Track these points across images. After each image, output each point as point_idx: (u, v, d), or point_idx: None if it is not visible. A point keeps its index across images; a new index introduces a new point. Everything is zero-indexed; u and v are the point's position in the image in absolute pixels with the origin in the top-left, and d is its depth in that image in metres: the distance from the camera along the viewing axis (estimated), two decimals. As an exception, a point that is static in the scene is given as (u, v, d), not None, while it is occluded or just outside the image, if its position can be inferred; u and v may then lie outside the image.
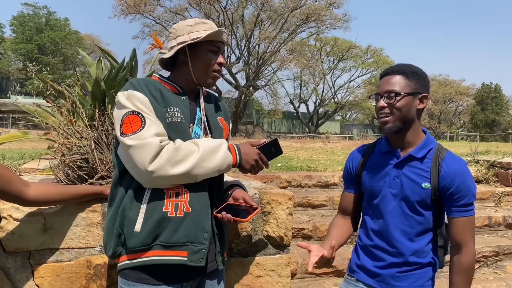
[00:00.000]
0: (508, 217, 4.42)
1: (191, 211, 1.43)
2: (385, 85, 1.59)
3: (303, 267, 3.35)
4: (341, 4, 27.81)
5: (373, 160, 1.72)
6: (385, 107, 1.56)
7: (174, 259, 1.41)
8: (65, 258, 1.77)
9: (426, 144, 1.61)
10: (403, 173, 1.60)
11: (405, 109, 1.55)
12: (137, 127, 1.37)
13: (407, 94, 1.55)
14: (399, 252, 1.60)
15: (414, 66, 1.62)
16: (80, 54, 3.17)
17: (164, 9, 27.19)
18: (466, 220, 1.56)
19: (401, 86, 1.56)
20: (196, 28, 1.55)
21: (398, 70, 1.59)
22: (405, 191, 1.58)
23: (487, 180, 5.40)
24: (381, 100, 1.58)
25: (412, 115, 1.58)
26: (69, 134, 2.36)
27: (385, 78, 1.61)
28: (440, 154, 1.58)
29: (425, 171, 1.57)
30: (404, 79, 1.57)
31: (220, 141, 1.48)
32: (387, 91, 1.56)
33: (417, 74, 1.59)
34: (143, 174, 1.36)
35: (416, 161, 1.59)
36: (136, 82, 1.47)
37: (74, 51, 34.90)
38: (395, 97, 1.54)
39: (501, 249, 3.91)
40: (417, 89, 1.57)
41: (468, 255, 1.56)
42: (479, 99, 37.60)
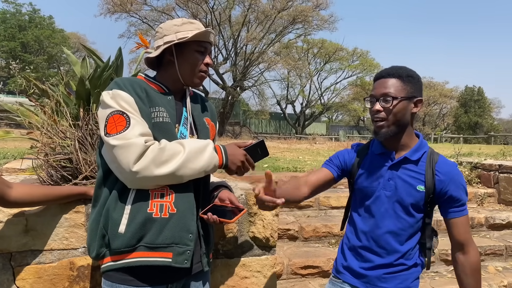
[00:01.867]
0: (490, 218, 4.50)
1: (176, 212, 1.42)
2: (381, 87, 1.56)
3: (289, 268, 3.36)
4: (327, 6, 28.04)
5: (367, 162, 1.71)
6: (380, 111, 1.55)
7: (158, 260, 1.39)
8: (48, 259, 1.73)
9: (420, 147, 1.62)
10: (398, 175, 1.60)
11: (400, 114, 1.54)
12: (122, 127, 1.35)
13: (404, 98, 1.54)
14: (387, 253, 1.61)
15: (409, 69, 1.61)
16: (64, 53, 3.12)
17: (150, 8, 27.02)
18: (465, 219, 1.59)
19: (397, 90, 1.54)
20: (183, 28, 1.54)
21: (394, 73, 1.57)
22: (400, 193, 1.58)
23: (470, 182, 5.49)
24: (377, 103, 1.56)
25: (407, 119, 1.58)
26: (52, 134, 2.32)
27: (381, 81, 1.58)
28: (433, 158, 1.59)
29: (420, 173, 1.58)
30: (400, 83, 1.55)
31: (206, 142, 1.47)
32: (383, 94, 1.54)
33: (413, 78, 1.58)
34: (127, 174, 1.34)
35: (411, 164, 1.60)
36: (121, 81, 1.45)
37: (58, 49, 34.35)
38: (392, 101, 1.53)
39: (483, 249, 3.97)
40: (412, 93, 1.56)
41: (474, 252, 1.59)
42: (462, 101, 38.24)
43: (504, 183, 5.03)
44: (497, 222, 4.50)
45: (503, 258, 4.03)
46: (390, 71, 1.58)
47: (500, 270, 3.79)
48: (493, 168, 5.29)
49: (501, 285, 3.47)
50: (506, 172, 5.04)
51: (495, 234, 4.44)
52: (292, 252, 3.61)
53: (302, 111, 38.41)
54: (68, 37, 38.37)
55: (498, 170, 5.18)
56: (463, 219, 1.59)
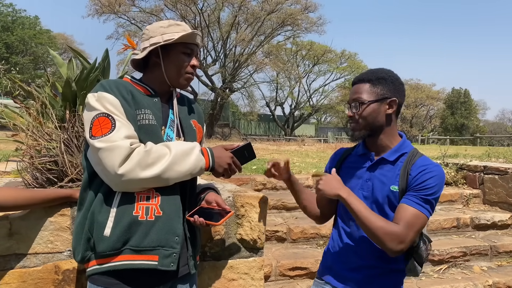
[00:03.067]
0: (475, 219, 4.56)
1: (162, 215, 1.41)
2: (352, 94, 1.63)
3: (277, 269, 3.37)
4: (316, 8, 28.12)
5: (349, 162, 1.75)
6: (352, 116, 1.61)
7: (144, 263, 1.39)
8: (32, 263, 1.72)
9: (401, 148, 1.62)
10: (375, 175, 1.62)
11: (371, 117, 1.58)
12: (107, 130, 1.34)
13: (372, 101, 1.57)
14: (369, 255, 1.61)
15: (384, 71, 1.63)
16: (50, 54, 3.09)
17: (139, 9, 26.80)
18: (414, 211, 1.48)
19: (367, 94, 1.58)
20: (169, 29, 1.54)
21: (364, 78, 1.62)
22: (376, 193, 1.59)
23: (456, 183, 5.56)
24: (349, 109, 1.62)
25: (380, 121, 1.60)
26: (38, 136, 2.30)
27: (354, 87, 1.65)
28: (412, 159, 1.58)
29: (395, 174, 1.58)
30: (370, 87, 1.59)
31: (193, 144, 1.47)
32: (354, 100, 1.61)
33: (384, 80, 1.60)
34: (112, 177, 1.34)
35: (388, 164, 1.61)
36: (106, 83, 1.45)
37: (45, 50, 33.94)
38: (360, 106, 1.58)
39: (468, 249, 4.03)
40: (383, 94, 1.58)
41: (394, 227, 1.46)
42: (449, 103, 38.72)
43: (489, 184, 5.11)
44: (482, 223, 4.57)
45: (488, 258, 4.09)
46: (361, 77, 1.64)
47: (485, 270, 3.84)
48: (478, 169, 5.37)
49: (486, 284, 3.52)
50: (491, 173, 5.12)
51: (480, 234, 4.50)
52: (280, 254, 3.61)
53: (291, 113, 38.53)
54: (55, 38, 37.94)
55: (483, 171, 5.25)
56: (412, 209, 1.48)
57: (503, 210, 4.87)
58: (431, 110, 44.19)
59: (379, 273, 1.62)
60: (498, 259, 4.10)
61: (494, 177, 5.04)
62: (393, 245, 1.45)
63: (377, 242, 1.49)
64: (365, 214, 1.48)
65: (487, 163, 5.58)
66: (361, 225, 1.50)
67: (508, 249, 4.17)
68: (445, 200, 5.09)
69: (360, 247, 1.64)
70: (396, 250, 1.46)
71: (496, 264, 4.01)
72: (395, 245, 1.45)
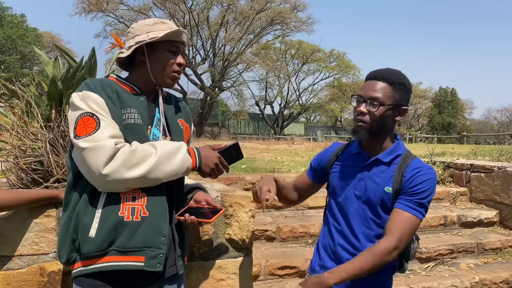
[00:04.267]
0: (462, 216, 4.62)
1: (149, 215, 1.40)
2: (370, 89, 1.55)
3: (266, 269, 3.36)
4: (305, 8, 28.17)
5: (342, 160, 1.74)
6: (365, 114, 1.54)
7: (130, 264, 1.37)
8: (17, 265, 1.69)
9: (395, 150, 1.62)
10: (369, 175, 1.62)
11: (383, 121, 1.55)
12: (91, 129, 1.32)
13: (390, 106, 1.54)
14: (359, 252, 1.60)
15: (403, 76, 1.60)
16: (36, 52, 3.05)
17: (127, 7, 26.59)
18: (408, 215, 1.50)
19: (386, 96, 1.53)
20: (154, 27, 1.52)
21: (387, 78, 1.55)
22: (368, 193, 1.60)
23: (443, 181, 5.62)
24: (363, 104, 1.55)
25: (388, 126, 1.59)
26: (23, 136, 2.27)
27: (372, 82, 1.57)
28: (406, 160, 1.59)
29: (390, 175, 1.58)
30: (391, 89, 1.54)
31: (179, 144, 1.46)
32: (372, 98, 1.53)
33: (404, 86, 1.57)
34: (97, 177, 1.32)
35: (382, 165, 1.61)
36: (91, 82, 1.43)
37: (31, 49, 33.45)
38: (379, 106, 1.52)
39: (455, 247, 4.07)
40: (400, 101, 1.56)
41: (386, 244, 1.47)
42: (436, 102, 39.07)
43: (476, 182, 5.17)
44: (468, 220, 4.63)
45: (474, 255, 4.14)
46: (384, 75, 1.56)
47: (472, 267, 3.89)
48: (465, 168, 5.43)
49: (473, 281, 3.56)
50: (477, 171, 5.18)
51: (467, 231, 4.56)
52: (270, 253, 3.61)
53: (281, 112, 38.56)
54: (42, 36, 37.43)
55: (470, 170, 5.32)
56: (406, 214, 1.50)
57: (489, 207, 4.93)
58: (419, 109, 44.61)
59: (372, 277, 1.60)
60: (485, 256, 4.15)
61: (481, 175, 5.10)
62: (390, 258, 1.48)
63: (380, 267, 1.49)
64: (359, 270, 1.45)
65: (474, 161, 5.65)
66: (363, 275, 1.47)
67: (494, 246, 4.22)
68: (432, 198, 5.14)
69: (350, 244, 1.64)
70: (393, 259, 1.51)
71: (482, 261, 4.06)
72: (392, 257, 1.49)
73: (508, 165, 5.01)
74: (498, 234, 4.48)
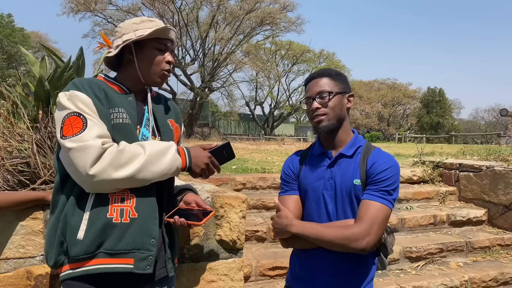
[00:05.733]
0: (451, 215, 4.65)
1: (138, 217, 1.38)
2: (315, 87, 1.65)
3: (257, 269, 3.35)
4: (294, 8, 28.26)
5: (308, 164, 1.74)
6: (319, 108, 1.62)
7: (119, 267, 1.35)
8: (2, 269, 1.65)
9: (355, 143, 1.67)
10: (336, 173, 1.63)
11: (337, 108, 1.63)
12: (78, 129, 1.30)
13: (338, 92, 1.63)
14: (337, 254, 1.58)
15: (337, 70, 1.73)
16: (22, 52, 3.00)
17: (116, 7, 26.40)
18: (375, 205, 1.51)
19: (330, 86, 1.64)
20: (142, 26, 1.51)
21: (324, 73, 1.68)
22: (340, 190, 1.61)
23: (433, 180, 5.65)
24: (314, 101, 1.63)
25: (344, 114, 1.66)
26: (9, 137, 2.23)
27: (313, 82, 1.68)
28: (368, 151, 1.64)
29: (355, 168, 1.61)
30: (331, 80, 1.65)
31: (169, 144, 1.44)
32: (319, 92, 1.63)
33: (341, 76, 1.70)
34: (84, 178, 1.30)
35: (346, 159, 1.64)
36: (79, 82, 1.41)
37: (18, 48, 33.05)
38: (328, 96, 1.61)
39: (445, 246, 4.10)
40: (343, 88, 1.66)
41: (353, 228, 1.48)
42: (425, 102, 39.40)
43: (464, 181, 5.22)
44: (458, 219, 4.66)
45: (464, 254, 4.17)
46: (320, 72, 1.69)
47: (461, 266, 3.92)
48: (454, 167, 5.47)
49: (463, 280, 3.59)
50: (466, 170, 5.23)
51: (456, 230, 4.60)
52: (260, 254, 3.60)
53: (271, 112, 38.62)
54: (29, 36, 37.00)
55: (459, 169, 5.36)
56: (374, 203, 1.51)
57: (478, 206, 4.98)
58: (408, 109, 44.98)
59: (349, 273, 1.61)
60: (474, 255, 4.19)
61: (469, 175, 5.15)
62: (357, 244, 1.47)
63: (342, 249, 1.50)
64: (320, 233, 1.50)
65: (462, 160, 5.70)
66: (322, 244, 1.52)
67: (483, 245, 4.26)
68: (422, 197, 5.18)
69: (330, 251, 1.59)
70: (362, 247, 1.47)
71: (471, 260, 4.09)
72: (359, 243, 1.47)
73: (496, 164, 5.06)
74: (486, 233, 4.52)
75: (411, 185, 5.55)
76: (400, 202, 5.04)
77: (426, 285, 3.47)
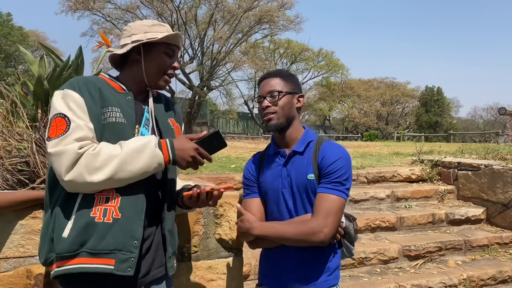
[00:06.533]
0: (450, 214, 4.67)
1: (121, 217, 1.35)
2: (266, 86, 1.71)
3: (256, 268, 3.35)
4: (292, 6, 28.20)
5: (266, 165, 1.78)
6: (269, 106, 1.68)
7: (100, 267, 1.32)
8: (2, 268, 1.65)
9: (306, 138, 1.71)
10: (291, 170, 1.67)
11: (287, 107, 1.69)
12: (61, 131, 1.31)
13: (288, 92, 1.69)
14: (299, 249, 1.62)
15: (289, 71, 1.81)
16: (21, 51, 3.00)
17: (114, 6, 26.33)
18: (329, 197, 1.56)
19: (281, 86, 1.70)
20: (153, 29, 1.52)
21: (276, 73, 1.75)
22: (296, 187, 1.64)
23: (431, 179, 5.66)
24: (264, 100, 1.69)
25: (293, 113, 1.71)
26: (8, 136, 2.22)
27: (265, 81, 1.73)
28: (318, 145, 1.68)
29: (308, 162, 1.65)
30: (282, 81, 1.71)
31: (147, 139, 1.38)
32: (270, 91, 1.69)
33: (292, 77, 1.76)
34: (62, 182, 1.31)
35: (299, 155, 1.68)
36: (75, 81, 1.41)
37: (16, 47, 32.95)
38: (278, 95, 1.67)
39: (444, 244, 4.11)
40: (294, 89, 1.72)
41: (310, 223, 1.54)
42: (423, 101, 39.41)
43: (463, 180, 5.23)
44: (456, 218, 4.68)
45: (462, 252, 4.18)
46: (272, 72, 1.76)
47: (459, 264, 3.93)
48: (452, 166, 5.48)
49: (461, 278, 3.60)
50: (465, 169, 5.24)
51: (455, 229, 4.61)
52: (260, 252, 3.60)
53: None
54: (27, 35, 36.90)
55: (457, 168, 5.38)
56: (328, 196, 1.57)
57: (476, 205, 4.99)
58: (406, 108, 45.01)
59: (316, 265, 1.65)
60: (472, 253, 4.21)
61: (468, 173, 5.16)
62: (315, 237, 1.53)
63: (302, 244, 1.57)
64: (280, 232, 1.57)
65: (461, 159, 5.71)
66: (283, 241, 1.59)
67: (481, 243, 4.28)
68: (420, 196, 5.19)
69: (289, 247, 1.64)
70: (321, 240, 1.53)
71: (470, 258, 4.11)
72: (317, 236, 1.53)
73: (495, 163, 5.07)
74: (485, 231, 4.54)
75: (409, 184, 5.56)
76: (398, 200, 5.05)
77: (425, 284, 3.48)
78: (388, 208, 4.86)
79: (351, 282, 3.46)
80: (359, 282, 3.46)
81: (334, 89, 39.64)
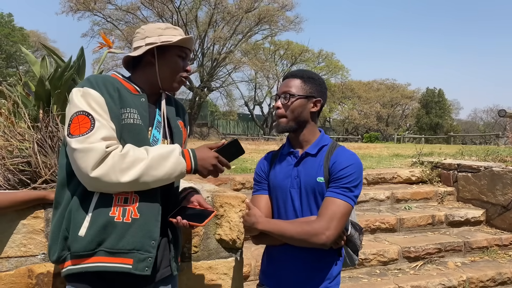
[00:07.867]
0: (449, 216, 4.67)
1: (139, 218, 1.38)
2: (283, 86, 1.70)
3: (256, 269, 3.36)
4: (293, 7, 28.26)
5: (278, 163, 1.78)
6: (280, 108, 1.67)
7: (118, 266, 1.35)
8: (4, 267, 1.66)
9: (320, 142, 1.70)
10: (301, 171, 1.67)
11: (297, 111, 1.67)
12: (85, 129, 1.31)
13: (301, 96, 1.66)
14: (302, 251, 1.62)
15: (314, 73, 1.76)
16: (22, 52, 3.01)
17: (115, 7, 26.38)
18: (335, 202, 1.55)
19: (297, 89, 1.67)
20: (167, 32, 1.54)
21: (297, 74, 1.71)
22: (305, 188, 1.64)
23: (431, 181, 5.67)
24: (278, 100, 1.69)
25: (305, 117, 1.69)
26: (10, 136, 2.24)
27: (285, 81, 1.72)
28: (332, 150, 1.67)
29: (319, 165, 1.64)
30: (301, 83, 1.68)
31: (172, 148, 1.42)
32: (284, 92, 1.68)
33: (313, 80, 1.71)
34: (86, 179, 1.31)
35: (311, 157, 1.68)
36: (94, 79, 1.41)
37: (17, 48, 32.98)
38: (290, 98, 1.65)
39: (443, 246, 4.12)
40: (311, 93, 1.69)
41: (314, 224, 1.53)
42: (424, 103, 39.42)
43: (463, 181, 5.23)
44: (456, 219, 4.68)
45: (462, 254, 4.19)
46: (293, 72, 1.73)
47: (459, 266, 3.94)
48: (452, 167, 5.49)
49: (461, 280, 3.60)
50: (464, 171, 5.25)
51: (455, 230, 4.62)
52: (260, 253, 3.58)
53: (270, 112, 38.60)
54: (28, 36, 36.92)
55: (457, 169, 5.38)
56: (335, 200, 1.56)
57: (476, 207, 4.99)
58: (407, 110, 44.98)
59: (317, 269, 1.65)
60: (472, 255, 4.21)
61: (467, 175, 5.17)
62: (317, 239, 1.52)
63: (303, 244, 1.56)
64: (283, 229, 1.57)
65: (461, 161, 5.71)
66: (285, 239, 1.58)
67: (481, 245, 4.28)
68: (420, 197, 5.20)
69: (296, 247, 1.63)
70: (322, 242, 1.52)
71: (469, 260, 4.11)
72: (319, 238, 1.52)
73: (494, 165, 5.08)
74: (484, 233, 4.54)
75: (409, 185, 5.57)
76: (398, 202, 5.06)
77: (424, 285, 3.49)
78: (388, 210, 4.87)
79: (351, 283, 3.46)
80: (358, 283, 3.47)
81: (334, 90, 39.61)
